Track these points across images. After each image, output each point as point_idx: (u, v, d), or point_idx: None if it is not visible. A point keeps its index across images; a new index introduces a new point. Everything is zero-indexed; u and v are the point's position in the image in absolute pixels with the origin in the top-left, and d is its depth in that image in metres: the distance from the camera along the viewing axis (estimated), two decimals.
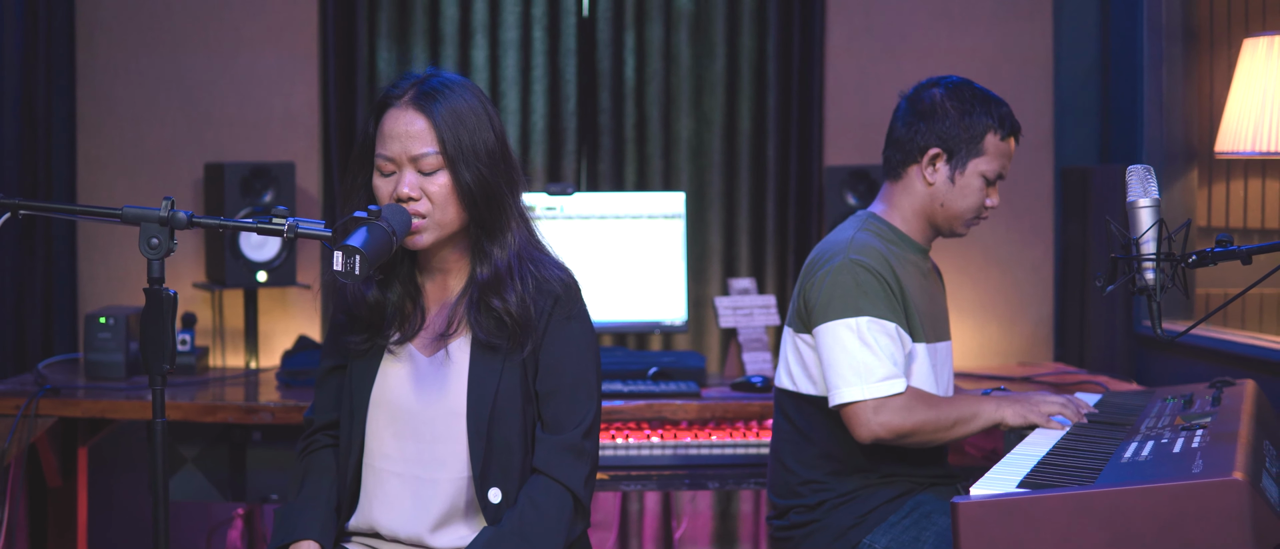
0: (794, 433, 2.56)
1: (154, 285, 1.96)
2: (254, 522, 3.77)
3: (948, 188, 2.56)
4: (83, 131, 3.78)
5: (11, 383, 3.27)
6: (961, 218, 2.59)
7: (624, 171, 3.92)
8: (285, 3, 3.82)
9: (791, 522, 2.54)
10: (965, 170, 2.55)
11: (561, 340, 2.14)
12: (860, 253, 2.48)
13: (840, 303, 2.45)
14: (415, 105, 2.11)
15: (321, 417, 2.27)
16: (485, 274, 2.11)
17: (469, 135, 2.10)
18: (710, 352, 3.95)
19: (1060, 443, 2.29)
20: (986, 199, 2.59)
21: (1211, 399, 2.46)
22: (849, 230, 2.56)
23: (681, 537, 3.98)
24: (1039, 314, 4.00)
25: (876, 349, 2.42)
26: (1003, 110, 2.58)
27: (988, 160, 2.56)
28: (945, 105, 2.57)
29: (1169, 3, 3.71)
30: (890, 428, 2.40)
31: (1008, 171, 2.62)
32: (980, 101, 2.57)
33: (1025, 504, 1.84)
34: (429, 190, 2.09)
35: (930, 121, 2.56)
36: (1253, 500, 1.78)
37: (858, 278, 2.45)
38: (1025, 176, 3.94)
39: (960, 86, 2.59)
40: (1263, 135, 3.38)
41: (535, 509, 2.07)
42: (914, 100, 2.61)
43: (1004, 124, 2.57)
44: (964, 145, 2.55)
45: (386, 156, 2.11)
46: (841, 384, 2.42)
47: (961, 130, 2.55)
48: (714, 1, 3.91)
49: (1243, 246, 2.24)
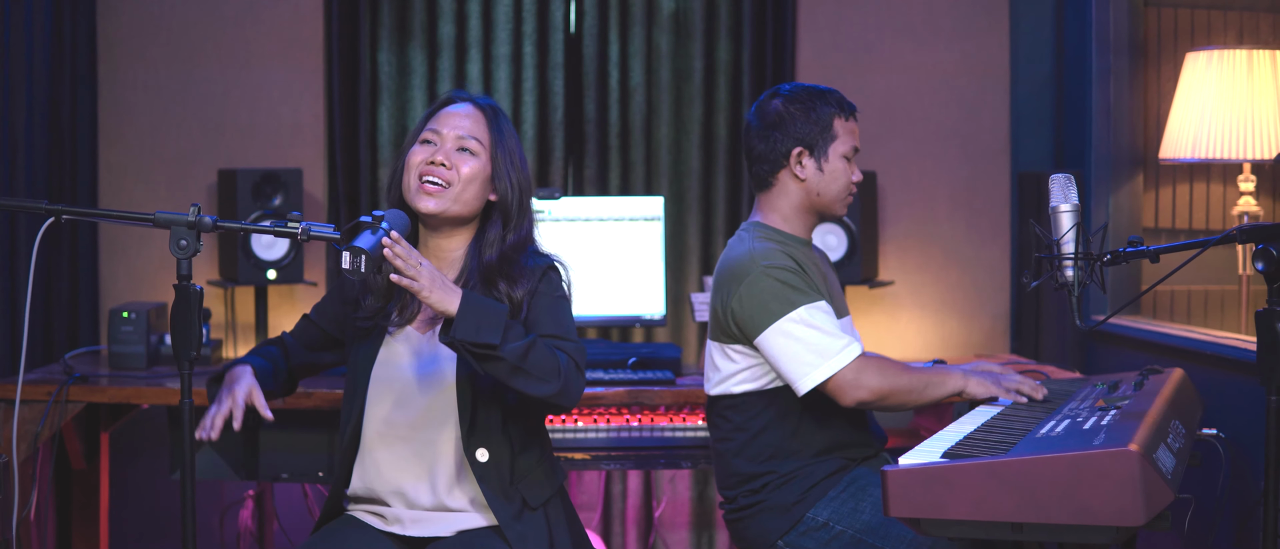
0: (733, 431, 2.70)
1: (183, 282, 2.13)
2: (264, 502, 3.87)
3: (819, 177, 2.70)
4: (104, 140, 3.85)
5: (40, 372, 3.35)
6: (838, 199, 2.73)
7: (608, 176, 3.99)
8: (293, 20, 3.90)
9: (740, 504, 2.69)
10: (828, 157, 2.70)
11: (542, 299, 2.35)
12: (767, 258, 2.62)
13: (773, 305, 2.58)
14: (476, 107, 2.38)
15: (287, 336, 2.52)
16: (493, 257, 2.34)
17: (513, 148, 2.37)
18: (687, 343, 4.03)
19: (989, 420, 2.44)
20: (853, 175, 2.74)
21: (1134, 384, 2.61)
22: (745, 243, 2.69)
23: (661, 516, 4.07)
24: (997, 309, 4.11)
25: (823, 328, 2.57)
26: (837, 96, 2.73)
27: (842, 142, 2.70)
28: (790, 109, 2.69)
29: (1118, 19, 3.79)
30: (872, 389, 2.56)
31: (859, 145, 2.76)
32: (816, 96, 2.71)
33: (945, 471, 2.00)
34: (460, 167, 2.33)
35: (783, 128, 2.69)
36: (1144, 469, 1.92)
37: (777, 278, 2.59)
38: (984, 181, 4.06)
39: (794, 91, 2.73)
40: (1202, 143, 3.52)
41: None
42: (761, 115, 2.73)
43: (843, 107, 2.72)
44: (819, 137, 2.69)
45: (436, 130, 2.36)
46: (807, 370, 2.55)
47: (813, 124, 2.68)
48: (692, 18, 3.97)
49: (1151, 247, 2.42)
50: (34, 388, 3.17)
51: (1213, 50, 3.55)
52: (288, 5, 3.91)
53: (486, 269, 2.35)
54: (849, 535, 2.58)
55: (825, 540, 2.60)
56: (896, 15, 4.06)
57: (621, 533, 4.06)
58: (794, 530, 2.63)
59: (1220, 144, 3.51)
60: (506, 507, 2.33)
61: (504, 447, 2.36)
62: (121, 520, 3.91)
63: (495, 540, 2.32)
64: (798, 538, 2.63)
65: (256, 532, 3.88)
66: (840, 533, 2.59)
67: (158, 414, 3.77)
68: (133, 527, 3.95)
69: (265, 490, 3.87)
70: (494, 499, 2.33)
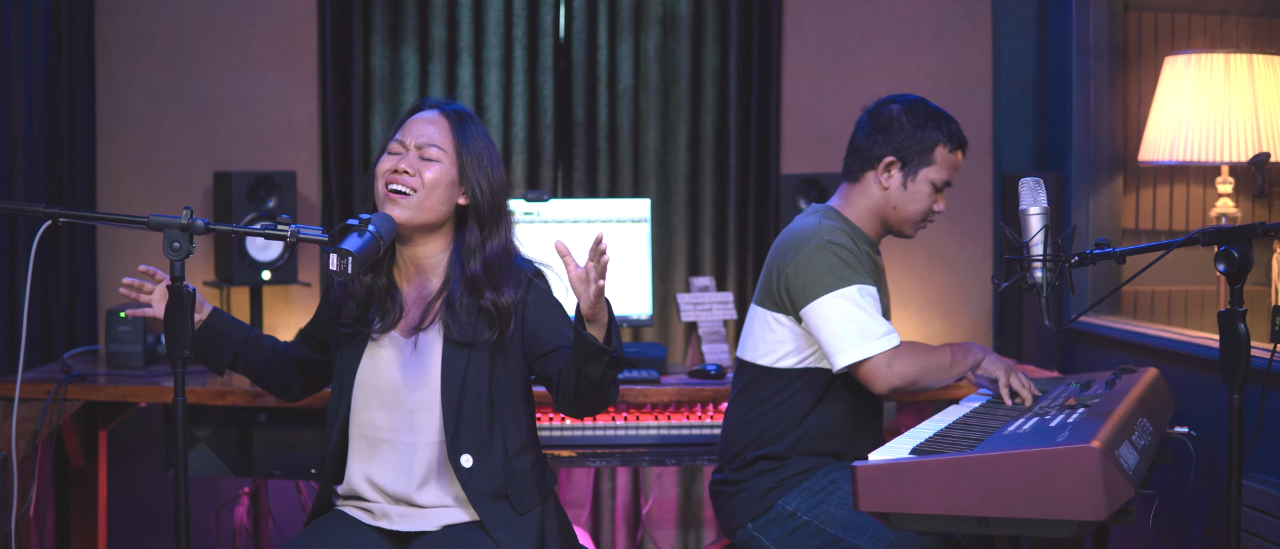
0: (755, 397, 2.77)
1: (176, 283, 2.18)
2: (259, 498, 3.89)
3: (900, 193, 2.77)
4: (102, 143, 3.85)
5: (39, 371, 3.36)
6: (911, 220, 2.80)
7: (597, 179, 4.01)
8: (288, 25, 3.92)
9: (728, 478, 2.77)
10: (916, 178, 2.77)
11: (543, 309, 2.43)
12: (831, 235, 2.70)
13: (828, 278, 2.65)
14: (442, 114, 2.43)
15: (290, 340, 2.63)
16: (478, 268, 2.39)
17: (484, 153, 2.41)
18: (674, 343, 4.05)
19: (960, 417, 2.50)
20: (934, 204, 2.80)
21: (1106, 384, 2.66)
22: (813, 219, 2.76)
23: (649, 513, 4.10)
24: (979, 309, 4.14)
25: (870, 311, 2.64)
26: (953, 127, 2.80)
27: (937, 169, 2.78)
28: (902, 120, 2.77)
29: (1098, 24, 3.82)
30: (904, 376, 2.63)
31: (954, 180, 2.82)
32: (933, 117, 2.78)
33: (913, 467, 2.06)
34: (423, 173, 2.38)
35: (887, 133, 2.77)
36: (1105, 465, 1.97)
37: (838, 254, 2.66)
38: (967, 183, 4.07)
39: (916, 104, 2.80)
40: (1180, 145, 3.54)
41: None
42: (874, 114, 2.81)
43: (953, 138, 2.79)
44: (916, 155, 2.76)
45: (400, 141, 2.41)
46: (847, 347, 2.62)
47: (915, 142, 2.76)
48: (680, 24, 3.99)
49: (1116, 248, 2.48)
50: (33, 386, 3.19)
51: (1191, 54, 3.58)
52: (282, 10, 3.93)
53: (472, 279, 2.39)
54: (813, 526, 2.64)
55: (791, 529, 2.66)
56: (880, 20, 4.09)
57: (610, 530, 4.09)
58: (764, 516, 2.70)
59: (1198, 147, 3.54)
60: (494, 510, 2.38)
61: (491, 452, 2.40)
62: (119, 516, 3.94)
63: (479, 535, 2.38)
64: (766, 523, 2.69)
65: (251, 527, 3.90)
66: (805, 523, 2.65)
67: (154, 412, 3.80)
68: (130, 523, 3.97)
69: (259, 487, 3.89)
70: (480, 502, 2.38)
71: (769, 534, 2.69)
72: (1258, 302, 3.65)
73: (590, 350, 2.22)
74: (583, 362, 2.24)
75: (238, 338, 2.57)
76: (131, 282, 2.50)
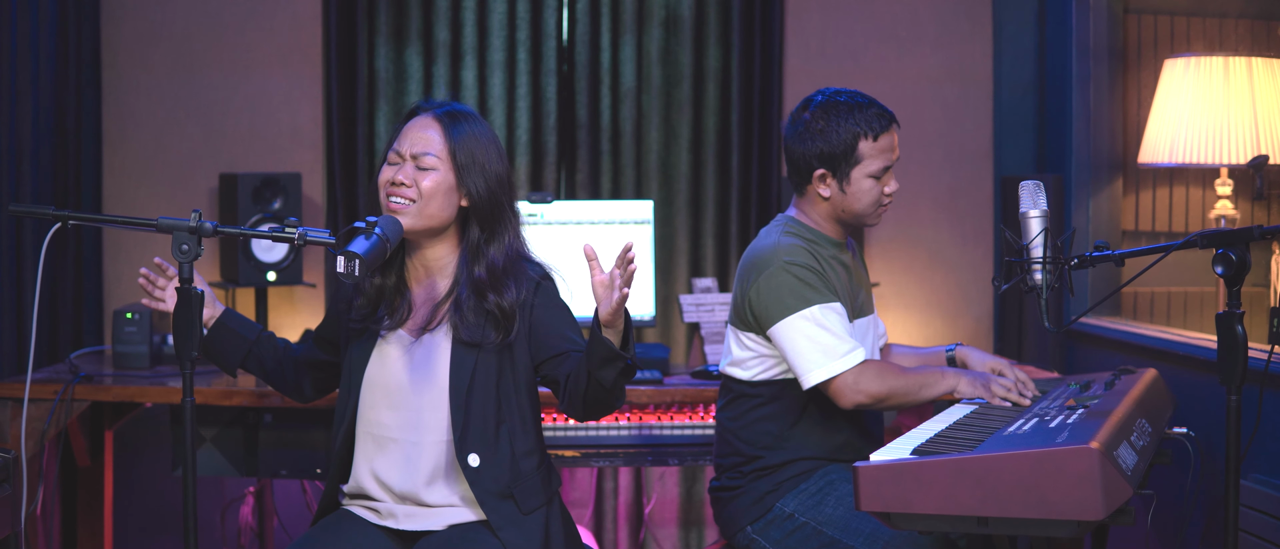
0: (740, 411, 2.79)
1: (184, 285, 2.21)
2: (264, 498, 3.91)
3: (841, 197, 2.72)
4: (108, 145, 3.88)
5: (46, 372, 3.38)
6: (866, 213, 2.74)
7: (599, 181, 4.02)
8: (292, 28, 3.94)
9: (725, 484, 2.79)
10: (851, 179, 2.70)
11: (551, 312, 2.45)
12: (789, 254, 2.67)
13: (789, 300, 2.63)
14: (435, 118, 2.43)
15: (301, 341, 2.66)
16: (481, 273, 2.41)
17: (480, 152, 2.41)
18: (676, 343, 4.06)
19: (961, 418, 2.50)
20: (884, 189, 2.72)
21: (1105, 384, 2.67)
22: (773, 236, 2.73)
23: (651, 513, 4.12)
24: (981, 310, 4.16)
25: (833, 330, 2.63)
26: (869, 113, 2.67)
27: (868, 163, 2.68)
28: (815, 126, 2.67)
29: (1098, 27, 3.83)
30: (869, 394, 2.61)
31: (896, 159, 2.71)
32: (845, 113, 2.66)
33: (914, 468, 2.07)
34: (421, 183, 2.39)
35: (808, 144, 2.69)
36: (1103, 466, 1.99)
37: (796, 274, 2.64)
38: (967, 185, 4.11)
39: (825, 104, 2.69)
40: (1179, 147, 3.56)
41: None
42: (793, 125, 2.72)
43: (873, 125, 2.67)
44: (842, 159, 2.67)
45: (397, 150, 2.43)
46: (813, 367, 2.61)
47: (836, 146, 2.66)
48: (682, 25, 4.01)
49: (1115, 251, 2.49)
50: (41, 387, 3.21)
51: (1190, 57, 3.60)
52: (287, 12, 3.95)
53: (475, 283, 2.41)
54: (810, 527, 2.66)
55: (789, 531, 2.68)
56: (882, 22, 4.11)
57: (613, 529, 4.11)
58: (762, 519, 2.72)
59: (1197, 149, 3.55)
60: (500, 509, 2.40)
61: (498, 452, 2.43)
62: (125, 516, 3.95)
63: (485, 534, 2.40)
64: (765, 526, 2.71)
65: (257, 527, 3.93)
66: (803, 524, 2.67)
67: (161, 412, 3.81)
68: (136, 522, 3.99)
69: (265, 487, 3.91)
70: (487, 501, 2.40)
71: (768, 537, 2.71)
72: (1256, 303, 3.67)
73: (606, 356, 2.24)
74: (596, 367, 2.25)
75: (251, 336, 2.60)
76: (146, 272, 2.53)
